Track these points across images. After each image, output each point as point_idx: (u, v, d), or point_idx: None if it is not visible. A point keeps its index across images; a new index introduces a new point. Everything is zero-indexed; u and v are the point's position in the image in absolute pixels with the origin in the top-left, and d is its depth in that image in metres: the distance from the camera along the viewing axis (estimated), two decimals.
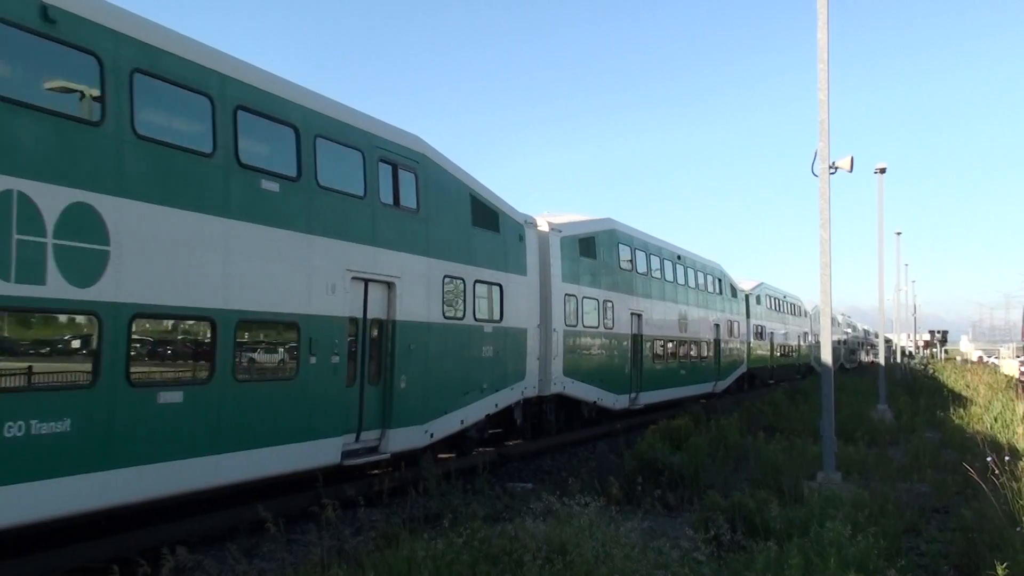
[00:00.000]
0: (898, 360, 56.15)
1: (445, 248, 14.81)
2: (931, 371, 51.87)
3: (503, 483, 13.81)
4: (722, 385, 34.49)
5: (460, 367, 15.26)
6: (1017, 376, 48.53)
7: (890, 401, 26.61)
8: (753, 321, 40.49)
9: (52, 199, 8.11)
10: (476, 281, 15.84)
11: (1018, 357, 67.88)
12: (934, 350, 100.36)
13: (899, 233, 44.26)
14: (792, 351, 50.50)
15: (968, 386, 34.53)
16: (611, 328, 23.04)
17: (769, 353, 43.90)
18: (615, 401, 22.93)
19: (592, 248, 22.26)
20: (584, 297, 21.48)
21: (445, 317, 14.66)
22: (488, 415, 16.46)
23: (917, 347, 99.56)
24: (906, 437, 19.01)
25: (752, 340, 40.02)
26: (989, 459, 10.09)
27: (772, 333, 44.56)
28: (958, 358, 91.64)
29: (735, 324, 36.94)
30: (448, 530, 8.34)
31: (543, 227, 19.76)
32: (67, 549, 8.94)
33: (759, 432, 16.86)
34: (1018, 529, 8.10)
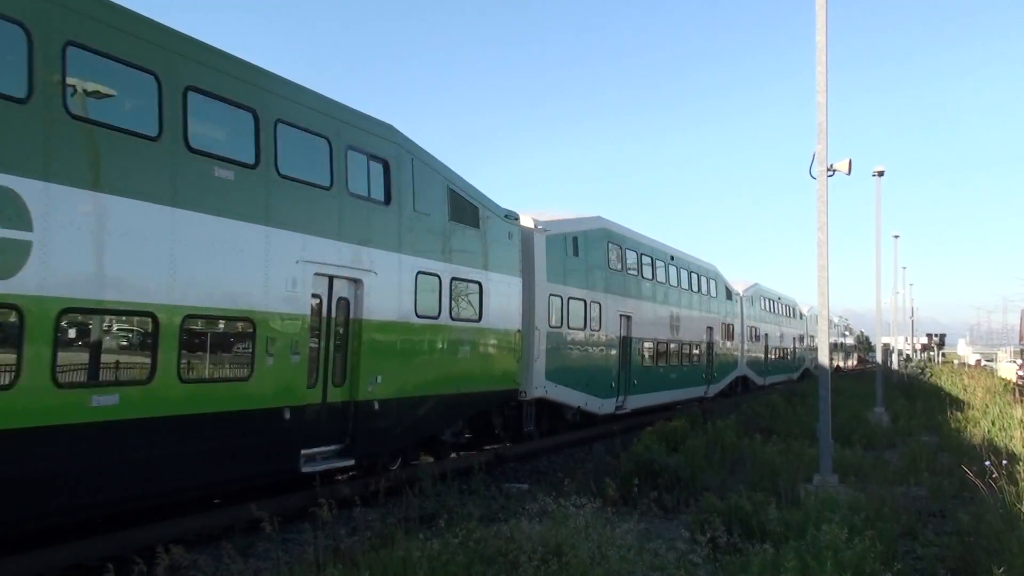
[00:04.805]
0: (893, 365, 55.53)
1: (708, 307, 32.65)
2: (928, 375, 51.81)
3: (499, 484, 13.80)
4: None
5: (718, 361, 32.98)
6: (1015, 380, 48.59)
7: (887, 404, 26.63)
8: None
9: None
10: (709, 326, 32.26)
11: (1015, 361, 67.99)
12: (931, 353, 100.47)
13: (897, 236, 44.24)
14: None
15: (965, 389, 34.53)
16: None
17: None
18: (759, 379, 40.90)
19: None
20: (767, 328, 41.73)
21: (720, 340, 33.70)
22: (727, 384, 34.99)
23: (915, 350, 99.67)
24: (903, 440, 19.01)
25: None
26: (987, 463, 10.09)
27: None
28: (955, 362, 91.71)
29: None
30: (444, 530, 8.33)
31: (739, 290, 36.80)
32: (63, 547, 8.92)
33: (756, 434, 16.86)
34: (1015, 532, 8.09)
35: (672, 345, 27.72)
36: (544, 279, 18.76)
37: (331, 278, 12.04)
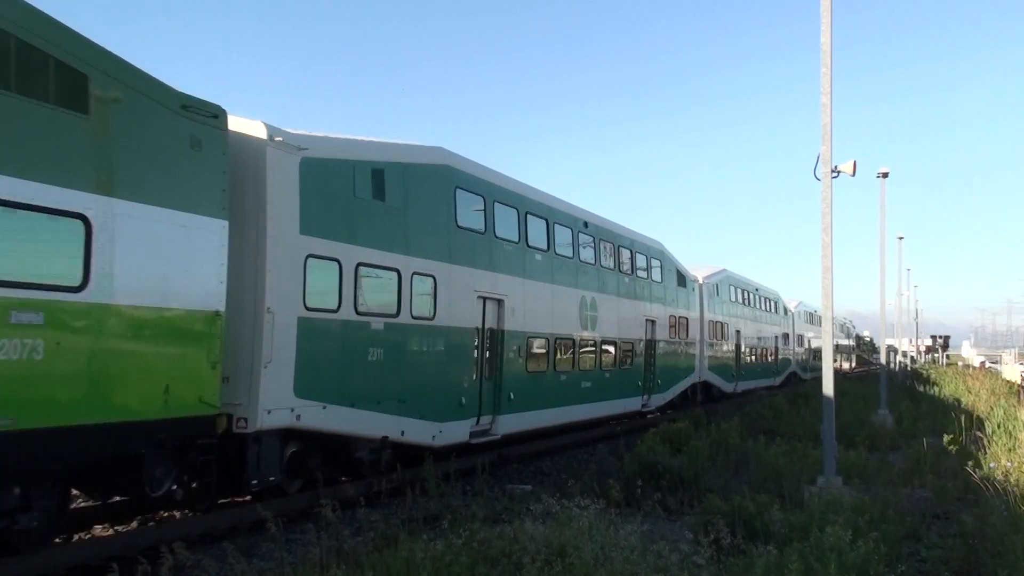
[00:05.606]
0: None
1: (648, 294, 25.47)
2: (932, 380, 51.62)
3: (502, 485, 13.81)
4: None
5: (664, 364, 26.33)
6: (1019, 382, 48.44)
7: (891, 406, 26.61)
8: None
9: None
10: (649, 319, 25.73)
11: (1020, 363, 67.84)
12: (936, 355, 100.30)
13: (901, 238, 43.94)
14: None
15: (970, 391, 34.44)
16: None
17: None
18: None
19: None
20: None
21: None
22: (679, 392, 28.51)
23: (919, 352, 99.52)
24: (907, 442, 18.98)
25: None
26: (991, 465, 10.08)
27: None
28: (960, 363, 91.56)
29: None
30: (447, 531, 8.34)
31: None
32: (67, 547, 8.95)
33: (759, 436, 16.85)
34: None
35: (585, 343, 20.54)
36: (295, 229, 11.36)
37: None
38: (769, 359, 43.35)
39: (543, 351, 18.51)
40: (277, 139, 11.11)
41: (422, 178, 14.28)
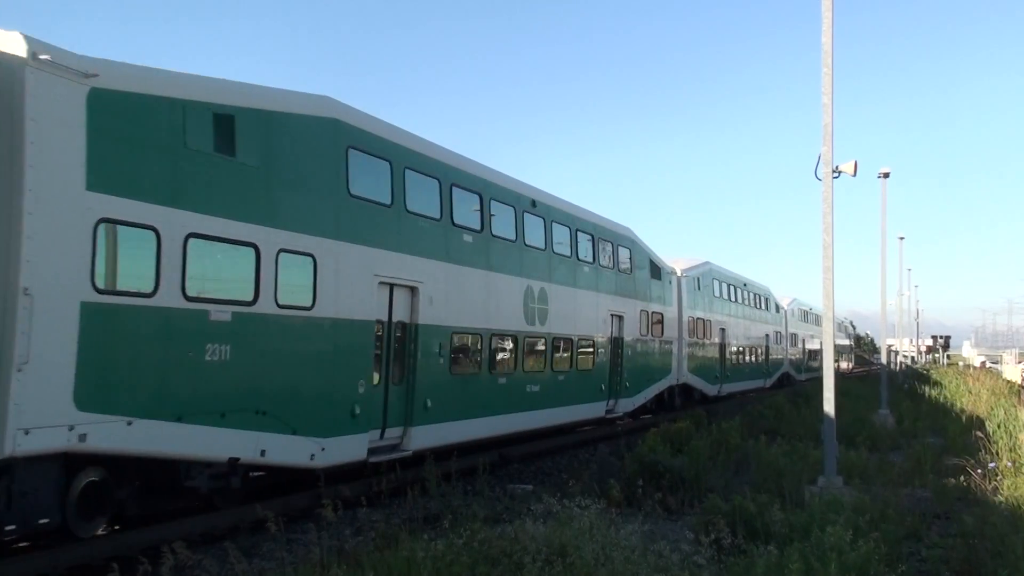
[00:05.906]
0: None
1: (614, 287, 22.71)
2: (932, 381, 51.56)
3: (503, 484, 13.81)
4: None
5: (634, 365, 23.81)
6: (1020, 382, 48.43)
7: (892, 406, 26.62)
8: None
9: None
10: (616, 313, 23.03)
11: (1020, 363, 67.85)
12: (936, 355, 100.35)
13: (902, 238, 43.95)
14: None
15: (970, 392, 34.45)
16: None
17: None
18: None
19: None
20: None
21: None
22: (653, 396, 25.98)
23: (919, 352, 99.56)
24: (908, 442, 18.99)
25: None
26: (992, 465, 10.08)
27: None
28: (960, 364, 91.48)
29: None
30: (448, 531, 8.34)
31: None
32: (68, 547, 8.95)
33: (760, 436, 16.86)
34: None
35: (532, 341, 17.66)
36: (77, 184, 8.47)
37: None
38: (759, 359, 40.96)
39: (475, 350, 15.75)
40: (43, 57, 8.14)
41: (296, 132, 11.30)
